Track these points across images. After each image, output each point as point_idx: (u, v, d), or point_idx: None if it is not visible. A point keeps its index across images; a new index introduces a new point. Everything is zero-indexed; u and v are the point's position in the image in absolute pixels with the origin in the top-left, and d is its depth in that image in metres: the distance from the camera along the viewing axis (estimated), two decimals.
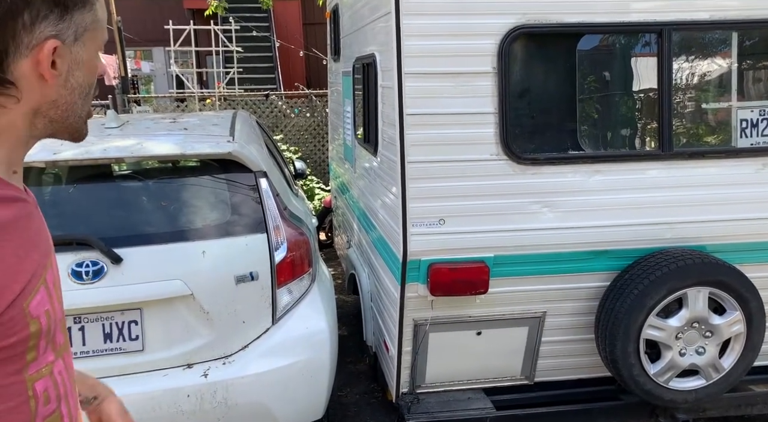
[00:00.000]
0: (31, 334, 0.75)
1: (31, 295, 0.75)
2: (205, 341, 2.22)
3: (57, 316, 0.81)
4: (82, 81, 0.82)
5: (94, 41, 0.82)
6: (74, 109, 0.83)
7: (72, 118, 0.83)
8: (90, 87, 0.84)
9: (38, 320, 0.76)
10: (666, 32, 2.37)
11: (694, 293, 2.39)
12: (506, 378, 2.72)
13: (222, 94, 8.13)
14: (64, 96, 0.81)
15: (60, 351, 0.83)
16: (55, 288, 0.82)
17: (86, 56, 0.82)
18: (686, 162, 2.45)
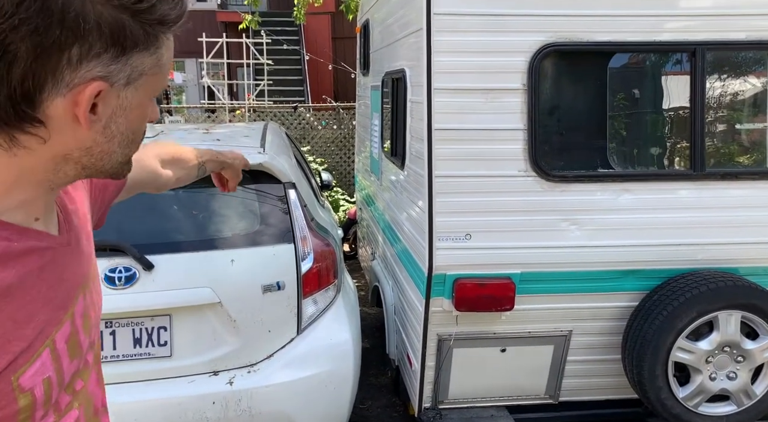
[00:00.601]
0: (20, 409, 0.67)
1: (24, 366, 0.67)
2: (231, 349, 2.24)
3: (64, 377, 0.73)
4: (125, 129, 0.70)
5: (149, 87, 0.71)
6: (112, 158, 0.72)
7: (108, 165, 0.72)
8: (135, 134, 0.73)
9: (31, 392, 0.68)
10: (699, 52, 2.35)
11: (726, 316, 2.34)
12: (530, 396, 2.69)
13: (252, 106, 8.27)
14: (100, 143, 0.69)
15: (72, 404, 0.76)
16: (69, 343, 0.74)
17: (136, 102, 0.70)
18: (719, 182, 2.42)
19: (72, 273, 0.77)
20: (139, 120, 0.72)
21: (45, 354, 0.69)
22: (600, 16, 2.31)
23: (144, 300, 2.16)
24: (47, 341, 0.70)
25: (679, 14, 2.37)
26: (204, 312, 2.22)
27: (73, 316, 0.75)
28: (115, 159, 0.72)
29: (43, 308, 0.70)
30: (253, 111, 8.09)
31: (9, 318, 0.65)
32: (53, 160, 0.68)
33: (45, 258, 0.71)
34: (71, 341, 0.74)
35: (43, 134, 0.64)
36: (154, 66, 0.69)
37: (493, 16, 2.27)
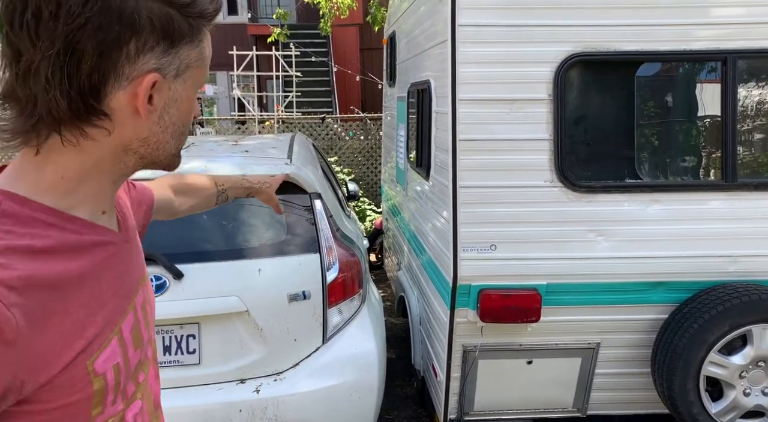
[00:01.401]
0: (95, 392, 0.72)
1: (97, 352, 0.72)
2: (258, 357, 2.27)
3: (130, 365, 0.78)
4: (177, 119, 0.77)
5: (195, 79, 0.77)
6: (166, 148, 0.78)
7: (162, 156, 0.78)
8: (184, 125, 0.78)
9: (103, 377, 0.73)
10: (731, 60, 2.31)
11: (760, 330, 2.28)
12: (557, 409, 2.65)
13: (280, 117, 8.39)
14: (156, 133, 0.75)
15: (136, 394, 0.81)
16: (133, 333, 0.79)
17: (185, 94, 0.76)
18: (751, 193, 2.37)
19: (133, 267, 0.83)
20: (187, 112, 0.78)
21: (114, 342, 0.75)
22: (627, 25, 2.29)
23: (173, 309, 2.21)
24: (115, 329, 0.75)
25: (709, 23, 2.34)
26: (232, 321, 2.26)
27: (135, 308, 0.81)
28: (168, 149, 0.78)
29: (111, 298, 0.75)
30: (282, 122, 8.21)
31: (82, 306, 0.70)
32: (115, 151, 0.74)
33: (109, 251, 0.77)
34: (135, 331, 0.80)
35: (108, 126, 0.70)
36: (198, 58, 0.75)
37: (517, 27, 2.28)
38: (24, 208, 0.69)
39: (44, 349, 0.66)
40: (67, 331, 0.68)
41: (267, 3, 13.81)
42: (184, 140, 0.80)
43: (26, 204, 0.69)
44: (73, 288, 0.70)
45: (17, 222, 0.67)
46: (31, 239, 0.67)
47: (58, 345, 0.67)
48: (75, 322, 0.69)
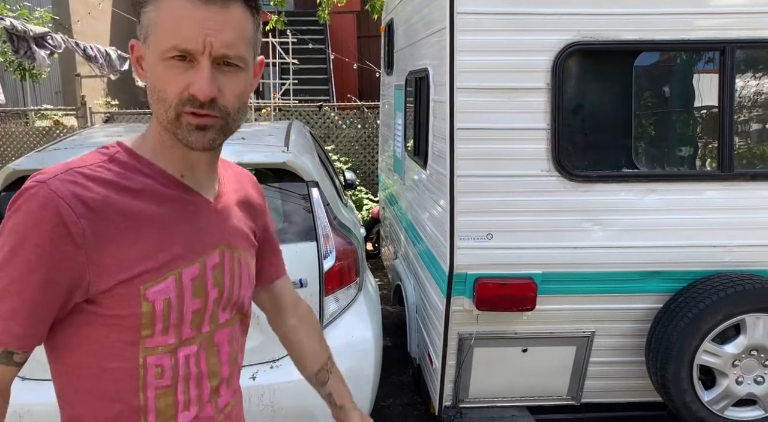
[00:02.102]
0: (143, 313, 0.85)
1: (153, 281, 0.85)
2: (254, 344, 2.28)
3: (185, 308, 0.89)
4: (150, 82, 0.85)
5: (155, 44, 0.83)
6: (155, 110, 0.86)
7: (160, 118, 0.87)
8: (159, 91, 0.84)
9: (153, 304, 0.85)
10: (729, 50, 2.31)
11: (753, 320, 2.29)
12: (552, 397, 2.68)
13: (277, 105, 8.35)
14: (149, 96, 0.87)
15: (193, 340, 0.92)
16: (194, 283, 0.89)
17: (152, 59, 0.84)
18: (747, 183, 2.37)
19: (214, 231, 0.94)
20: (157, 77, 0.84)
21: (170, 280, 0.87)
22: (626, 14, 2.28)
23: None
24: (175, 271, 0.87)
25: (708, 12, 2.33)
26: None
27: (205, 264, 0.92)
28: (156, 112, 0.86)
29: (179, 245, 0.88)
30: (279, 110, 8.17)
31: (151, 241, 0.85)
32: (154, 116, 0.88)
33: (189, 208, 0.91)
34: (197, 282, 0.90)
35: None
36: (151, 23, 0.83)
37: (516, 14, 2.27)
38: (132, 160, 0.88)
39: (109, 262, 0.82)
40: (131, 256, 0.83)
41: None
42: (169, 108, 0.84)
43: (136, 158, 0.89)
44: (146, 224, 0.85)
45: (122, 167, 0.87)
46: (123, 178, 0.85)
47: (123, 263, 0.83)
48: (140, 252, 0.84)
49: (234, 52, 0.84)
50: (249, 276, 1.04)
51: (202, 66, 0.82)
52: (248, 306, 1.07)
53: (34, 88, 10.14)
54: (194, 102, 0.83)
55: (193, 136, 0.86)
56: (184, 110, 0.84)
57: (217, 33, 0.82)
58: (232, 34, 0.83)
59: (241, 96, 0.88)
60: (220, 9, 0.82)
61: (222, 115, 0.86)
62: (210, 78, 0.82)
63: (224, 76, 0.84)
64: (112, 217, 0.82)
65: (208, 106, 0.83)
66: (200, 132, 0.85)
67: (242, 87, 0.88)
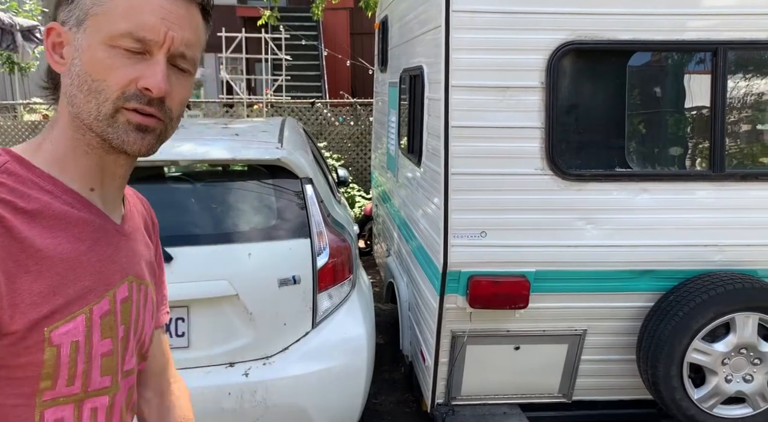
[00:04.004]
0: (45, 361, 0.70)
1: (60, 322, 0.70)
2: (247, 341, 2.28)
3: (93, 351, 0.74)
4: (80, 71, 0.73)
5: (96, 27, 0.72)
6: (77, 103, 0.74)
7: (83, 116, 0.74)
8: (94, 82, 0.72)
9: (57, 349, 0.70)
10: (721, 51, 2.33)
11: (743, 319, 2.32)
12: (543, 395, 2.69)
13: (269, 101, 8.32)
14: (70, 88, 0.74)
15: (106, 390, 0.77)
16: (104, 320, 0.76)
17: (85, 43, 0.73)
18: (738, 183, 2.39)
19: (123, 259, 0.82)
20: (93, 65, 0.73)
21: (80, 319, 0.73)
22: (620, 14, 2.29)
23: None
24: (85, 308, 0.73)
25: (701, 13, 2.34)
26: (221, 305, 2.25)
27: (114, 297, 0.78)
28: (82, 107, 0.73)
29: (89, 276, 0.75)
30: (271, 106, 8.14)
31: (58, 274, 0.71)
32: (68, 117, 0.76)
33: (97, 233, 0.77)
34: (106, 319, 0.77)
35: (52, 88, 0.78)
36: (93, 4, 0.73)
37: (512, 13, 2.27)
38: (26, 171, 0.72)
39: (13, 301, 0.66)
40: (36, 291, 0.68)
41: None
42: (104, 102, 0.73)
43: (30, 169, 0.73)
44: (50, 253, 0.70)
45: (15, 181, 0.71)
46: (17, 197, 0.70)
47: (26, 301, 0.67)
48: (47, 286, 0.69)
49: (191, 53, 0.77)
50: (152, 313, 0.91)
51: (158, 59, 0.73)
52: (148, 348, 0.93)
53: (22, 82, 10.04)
54: (141, 98, 0.73)
55: (131, 136, 0.74)
56: (126, 105, 0.73)
57: (178, 28, 0.74)
58: (192, 34, 0.77)
59: (184, 103, 0.80)
60: (184, 5, 0.75)
61: (165, 119, 0.77)
62: (166, 73, 0.74)
63: (175, 77, 0.76)
64: (10, 245, 0.67)
65: (156, 105, 0.74)
66: (140, 133, 0.75)
67: (188, 93, 0.80)
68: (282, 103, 8.31)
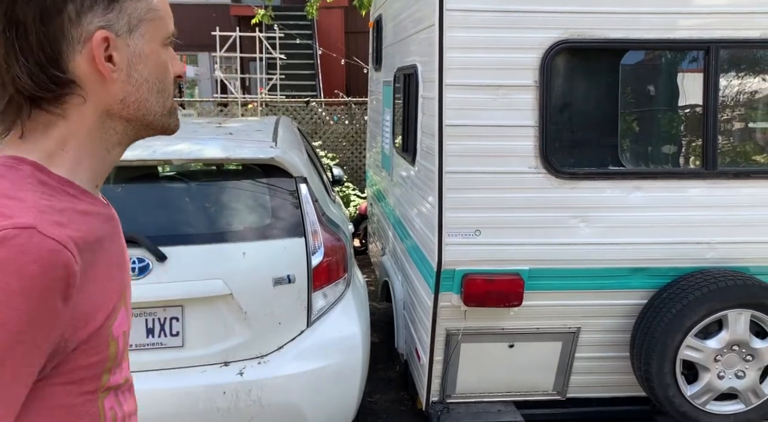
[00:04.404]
0: (109, 356, 0.74)
1: (114, 316, 0.74)
2: (241, 340, 2.28)
3: (128, 336, 0.80)
4: (148, 75, 0.77)
5: (154, 32, 0.77)
6: (148, 107, 0.78)
7: (150, 116, 0.79)
8: (161, 82, 0.79)
9: (117, 341, 0.75)
10: (713, 50, 2.34)
11: (735, 315, 2.33)
12: (538, 392, 2.70)
13: (264, 100, 8.31)
14: (131, 93, 0.76)
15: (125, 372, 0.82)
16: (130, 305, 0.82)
17: (147, 49, 0.76)
18: (730, 181, 2.41)
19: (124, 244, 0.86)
20: (159, 67, 0.78)
21: (122, 310, 0.76)
22: (613, 13, 2.30)
23: (157, 291, 2.20)
24: (122, 298, 0.77)
25: (693, 12, 2.36)
26: (216, 304, 2.25)
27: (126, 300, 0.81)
28: (152, 108, 0.78)
29: (118, 268, 0.78)
30: (266, 105, 8.13)
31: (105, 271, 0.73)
32: (100, 118, 0.76)
33: (114, 224, 0.81)
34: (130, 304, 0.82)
35: (81, 93, 0.73)
36: (149, 10, 0.76)
37: (505, 12, 2.28)
38: (50, 178, 0.72)
39: (86, 309, 0.69)
40: (99, 293, 0.71)
41: None
42: (168, 97, 0.80)
43: (50, 175, 0.72)
44: (101, 253, 0.73)
45: (52, 189, 0.71)
46: (68, 203, 0.71)
47: (96, 305, 0.70)
48: (103, 285, 0.73)
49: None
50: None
51: (170, 49, 0.82)
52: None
53: None
54: (176, 84, 0.83)
55: (176, 118, 0.83)
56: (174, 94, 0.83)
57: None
58: None
59: None
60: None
61: None
62: None
63: None
64: (87, 253, 0.68)
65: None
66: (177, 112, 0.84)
67: None
68: (276, 102, 8.30)
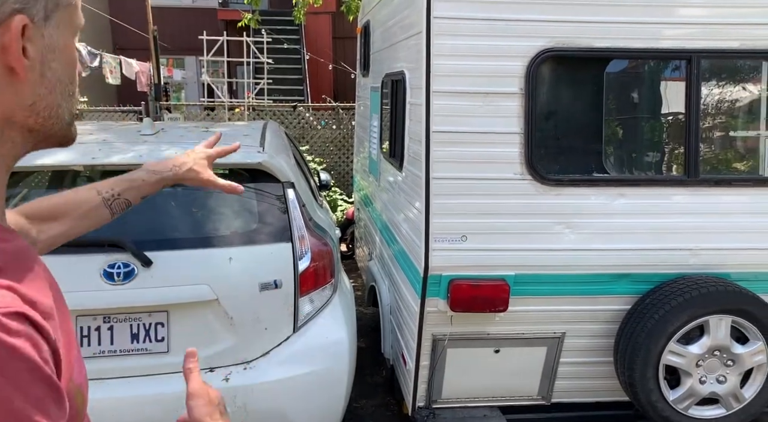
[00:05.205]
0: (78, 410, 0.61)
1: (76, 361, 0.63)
2: (227, 346, 2.27)
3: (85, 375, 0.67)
4: (61, 74, 0.63)
5: (69, 22, 0.63)
6: (58, 114, 0.63)
7: (56, 126, 0.64)
8: (72, 83, 0.65)
9: (81, 388, 0.63)
10: (695, 59, 2.38)
11: (716, 321, 2.37)
12: (523, 397, 2.72)
13: (251, 104, 8.28)
14: (43, 96, 0.61)
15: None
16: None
17: (62, 41, 0.62)
18: (712, 189, 2.45)
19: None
20: (71, 65, 0.65)
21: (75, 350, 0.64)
22: (598, 22, 2.34)
23: (142, 296, 2.18)
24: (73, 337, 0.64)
25: (676, 22, 2.40)
26: (201, 309, 2.24)
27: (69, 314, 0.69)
28: (62, 116, 0.64)
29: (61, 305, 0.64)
30: (253, 109, 8.11)
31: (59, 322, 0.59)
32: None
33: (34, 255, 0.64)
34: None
35: None
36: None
37: (492, 20, 2.30)
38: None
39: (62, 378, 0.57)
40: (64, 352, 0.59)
41: None
42: (75, 103, 0.66)
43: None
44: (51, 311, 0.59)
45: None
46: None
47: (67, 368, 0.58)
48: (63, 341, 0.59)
49: None
50: None
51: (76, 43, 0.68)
52: None
53: None
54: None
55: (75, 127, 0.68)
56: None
57: None
58: None
59: None
60: None
61: None
62: None
63: None
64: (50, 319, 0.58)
65: None
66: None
67: None
68: (264, 106, 8.29)
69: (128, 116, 7.95)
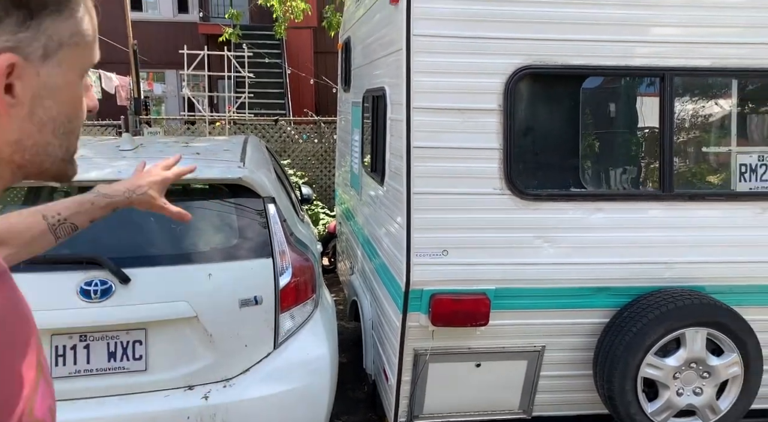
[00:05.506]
0: None
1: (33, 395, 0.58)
2: (207, 363, 2.24)
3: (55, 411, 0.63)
4: (56, 114, 0.60)
5: (75, 61, 0.61)
6: (48, 151, 0.61)
7: (47, 162, 0.62)
8: (71, 122, 0.63)
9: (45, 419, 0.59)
10: (668, 77, 2.45)
11: (692, 333, 2.41)
12: (504, 411, 2.72)
13: (232, 118, 8.27)
14: (31, 134, 0.59)
15: None
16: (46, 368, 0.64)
17: (62, 81, 0.60)
18: (686, 203, 2.50)
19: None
20: (72, 104, 0.62)
21: (42, 382, 0.60)
22: (574, 40, 2.39)
23: (119, 314, 2.15)
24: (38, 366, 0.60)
25: (649, 41, 2.46)
26: (180, 327, 2.22)
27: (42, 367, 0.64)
28: (54, 154, 0.62)
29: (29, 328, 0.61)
30: (234, 123, 8.09)
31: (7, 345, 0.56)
32: None
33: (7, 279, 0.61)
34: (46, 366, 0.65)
35: None
36: (74, 34, 0.60)
37: (471, 38, 2.34)
38: None
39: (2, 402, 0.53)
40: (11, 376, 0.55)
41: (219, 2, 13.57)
42: (74, 140, 0.64)
43: None
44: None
45: None
46: None
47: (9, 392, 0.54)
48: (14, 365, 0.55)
49: None
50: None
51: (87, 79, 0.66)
52: None
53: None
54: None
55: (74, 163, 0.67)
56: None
57: None
58: None
59: None
60: None
61: None
62: None
63: None
64: None
65: None
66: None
67: None
68: (245, 120, 8.27)
69: (107, 131, 7.87)
